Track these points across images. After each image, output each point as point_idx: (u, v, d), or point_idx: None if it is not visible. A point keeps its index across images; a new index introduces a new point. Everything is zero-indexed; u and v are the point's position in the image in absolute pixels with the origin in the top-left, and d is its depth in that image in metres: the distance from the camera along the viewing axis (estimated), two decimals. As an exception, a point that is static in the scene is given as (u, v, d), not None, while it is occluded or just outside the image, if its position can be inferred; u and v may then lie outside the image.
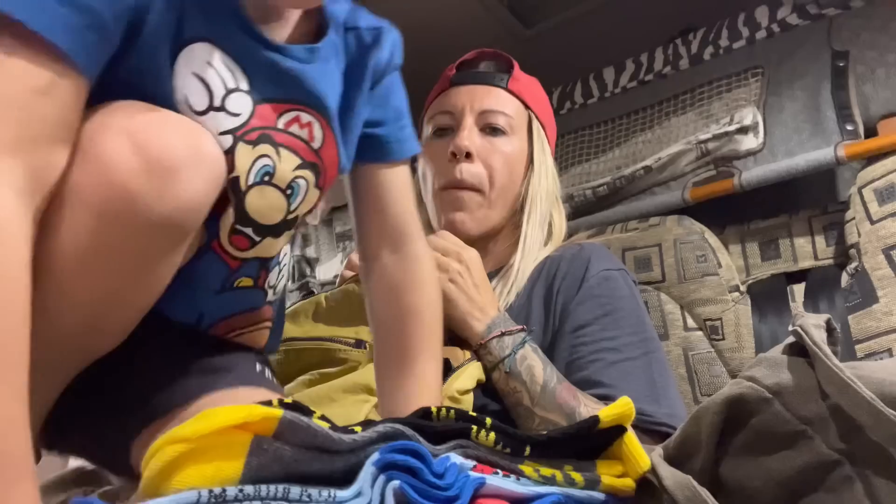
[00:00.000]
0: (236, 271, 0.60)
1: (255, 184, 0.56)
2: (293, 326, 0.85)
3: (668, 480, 0.45)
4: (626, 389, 0.82)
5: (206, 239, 0.57)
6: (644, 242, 1.21)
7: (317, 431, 0.39)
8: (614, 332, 0.88)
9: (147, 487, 0.39)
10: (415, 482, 0.41)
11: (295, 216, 0.61)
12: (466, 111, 1.00)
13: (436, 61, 1.11)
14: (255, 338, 0.68)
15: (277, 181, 0.58)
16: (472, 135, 0.98)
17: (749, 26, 1.29)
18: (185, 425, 0.38)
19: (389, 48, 0.69)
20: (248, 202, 0.56)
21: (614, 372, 0.85)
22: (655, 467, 0.48)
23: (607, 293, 0.91)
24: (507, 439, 0.47)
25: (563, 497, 0.48)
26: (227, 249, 0.58)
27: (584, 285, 0.91)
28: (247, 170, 0.55)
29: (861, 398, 0.43)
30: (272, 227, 0.59)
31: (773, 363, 0.49)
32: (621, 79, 1.43)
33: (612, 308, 0.90)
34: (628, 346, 0.88)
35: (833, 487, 0.44)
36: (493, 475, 0.46)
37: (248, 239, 0.59)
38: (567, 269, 0.94)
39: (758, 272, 1.18)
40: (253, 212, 0.57)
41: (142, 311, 0.54)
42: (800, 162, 1.14)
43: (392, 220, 0.70)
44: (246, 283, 0.62)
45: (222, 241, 0.58)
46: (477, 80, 1.03)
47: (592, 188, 1.36)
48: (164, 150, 0.47)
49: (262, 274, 0.63)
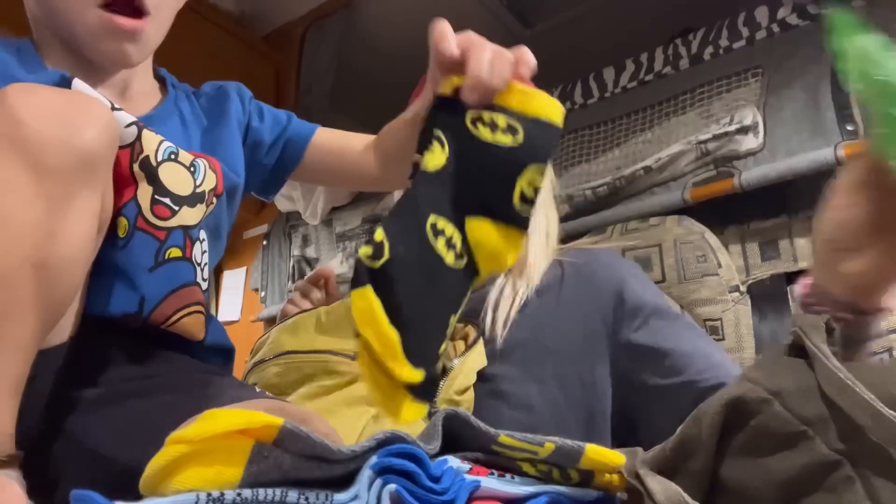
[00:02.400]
0: (165, 242, 0.67)
1: (163, 160, 0.67)
2: (293, 339, 0.85)
3: (659, 496, 0.45)
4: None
5: (132, 223, 0.65)
6: (644, 242, 1.21)
7: (316, 442, 0.40)
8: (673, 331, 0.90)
9: (146, 485, 0.39)
10: (411, 486, 0.41)
11: (202, 191, 0.71)
12: None
13: (436, 62, 1.11)
14: (193, 324, 0.70)
15: (181, 160, 0.70)
16: None
17: (749, 26, 1.29)
18: (187, 427, 0.38)
19: (238, 95, 0.87)
20: (161, 175, 0.67)
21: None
22: (644, 482, 0.47)
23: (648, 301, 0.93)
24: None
25: (556, 496, 0.48)
26: (151, 221, 0.67)
27: (618, 293, 0.92)
28: (154, 150, 0.67)
29: (861, 399, 0.43)
30: (186, 198, 0.69)
31: (773, 364, 0.49)
32: (621, 79, 1.43)
33: (662, 308, 0.93)
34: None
35: (833, 488, 0.44)
36: (488, 476, 0.46)
37: (168, 208, 0.68)
38: (584, 275, 0.94)
39: (758, 272, 1.18)
40: (167, 183, 0.67)
41: (79, 253, 0.57)
42: (800, 162, 1.14)
43: (349, 161, 0.86)
44: (176, 254, 0.68)
45: (146, 215, 0.66)
46: None
47: (592, 188, 1.36)
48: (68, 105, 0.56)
49: (188, 243, 0.70)
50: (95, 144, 0.56)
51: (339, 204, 1.82)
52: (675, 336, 0.88)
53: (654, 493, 0.46)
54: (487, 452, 0.48)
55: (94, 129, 0.56)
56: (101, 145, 0.57)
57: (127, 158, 0.65)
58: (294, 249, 1.89)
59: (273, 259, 1.94)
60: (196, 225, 0.71)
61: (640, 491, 0.48)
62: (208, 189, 0.72)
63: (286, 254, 1.92)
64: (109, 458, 0.58)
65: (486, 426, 0.48)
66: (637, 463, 0.50)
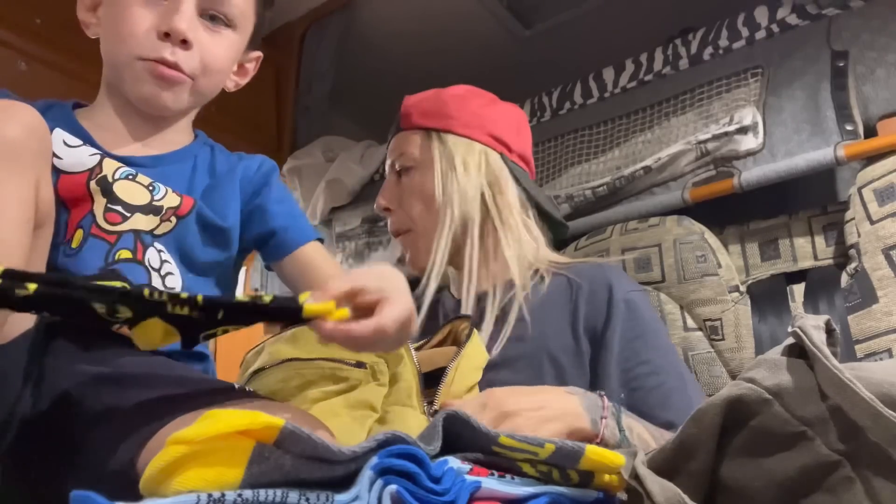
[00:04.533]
0: (115, 245, 0.72)
1: (120, 178, 0.75)
2: (292, 348, 0.86)
3: (658, 497, 0.45)
4: (668, 411, 0.87)
5: (87, 232, 0.71)
6: (644, 243, 1.21)
7: (317, 442, 0.40)
8: (648, 356, 0.91)
9: (147, 485, 0.39)
10: (412, 487, 0.41)
11: (160, 205, 0.76)
12: (388, 164, 1.12)
13: (436, 61, 1.12)
14: None
15: (139, 181, 0.76)
16: (390, 188, 1.10)
17: (749, 26, 1.29)
18: (188, 427, 0.38)
19: (258, 162, 0.88)
20: (115, 188, 0.74)
21: (653, 397, 0.89)
22: (644, 482, 0.47)
23: (635, 317, 0.94)
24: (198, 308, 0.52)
25: (557, 496, 0.48)
26: (103, 227, 0.72)
27: (611, 311, 0.94)
28: (112, 172, 0.74)
29: (860, 399, 0.43)
30: (140, 207, 0.74)
31: (773, 364, 0.49)
32: (621, 79, 1.43)
33: (642, 331, 0.93)
34: (664, 369, 0.92)
35: (833, 488, 0.44)
36: (489, 477, 0.46)
37: (119, 215, 0.73)
38: (589, 290, 0.97)
39: (757, 272, 1.18)
40: (121, 194, 0.74)
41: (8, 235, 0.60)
42: (799, 162, 1.14)
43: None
44: (125, 255, 0.72)
45: (99, 222, 0.72)
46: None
47: (592, 188, 1.36)
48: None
49: (138, 247, 0.73)
50: (15, 135, 0.61)
51: (339, 204, 1.82)
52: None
53: (653, 493, 0.46)
54: (487, 453, 0.49)
55: (16, 125, 0.62)
56: (23, 137, 0.62)
57: (85, 178, 0.73)
58: (294, 249, 1.89)
59: (273, 259, 1.94)
60: (150, 231, 0.75)
61: (640, 492, 0.48)
62: (168, 206, 0.76)
63: (286, 254, 1.92)
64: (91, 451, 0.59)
65: (486, 427, 0.48)
66: (636, 464, 0.50)
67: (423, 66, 2.04)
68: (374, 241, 1.72)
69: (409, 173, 1.07)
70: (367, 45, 2.02)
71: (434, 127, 1.07)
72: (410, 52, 2.05)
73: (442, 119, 1.07)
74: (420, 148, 1.07)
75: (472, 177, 1.04)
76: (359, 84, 2.10)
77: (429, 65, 1.97)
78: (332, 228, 1.82)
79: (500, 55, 1.93)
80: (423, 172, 1.06)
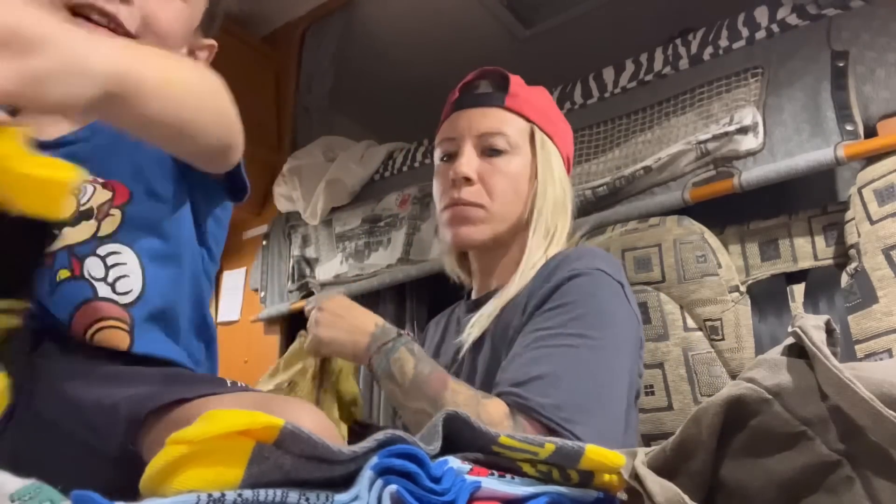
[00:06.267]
0: (52, 266, 0.70)
1: None
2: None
3: (658, 497, 0.45)
4: (511, 371, 0.84)
5: None
6: (644, 243, 1.21)
7: (317, 442, 0.40)
8: (550, 324, 0.87)
9: (147, 485, 0.39)
10: (412, 487, 0.41)
11: (88, 208, 0.73)
12: (466, 136, 1.04)
13: (436, 61, 1.12)
14: (110, 337, 0.70)
15: None
16: (471, 160, 1.02)
17: (749, 26, 1.29)
18: (188, 427, 0.38)
19: None
20: None
21: (521, 358, 0.85)
22: (644, 482, 0.47)
23: (569, 291, 0.90)
24: None
25: (557, 496, 0.48)
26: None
27: (552, 288, 0.91)
28: None
29: (860, 399, 0.43)
30: (65, 220, 0.71)
31: (773, 364, 0.49)
32: (621, 79, 1.43)
33: (564, 303, 0.88)
34: (556, 336, 0.85)
35: (833, 488, 0.44)
36: (489, 477, 0.46)
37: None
38: (553, 268, 0.94)
39: (757, 272, 1.18)
40: None
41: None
42: (799, 162, 1.14)
43: None
44: (65, 275, 0.70)
45: None
46: (475, 102, 1.06)
47: (592, 188, 1.36)
48: None
49: (74, 262, 0.71)
50: None
51: (338, 204, 1.82)
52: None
53: (653, 493, 0.46)
54: (487, 453, 0.49)
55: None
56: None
57: None
58: (294, 249, 1.89)
59: (273, 259, 1.94)
60: (85, 242, 0.72)
61: (640, 492, 0.48)
62: (98, 204, 0.73)
63: (286, 254, 1.92)
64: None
65: (486, 427, 0.48)
66: (637, 463, 0.50)
67: (423, 67, 2.04)
68: (374, 241, 1.72)
69: (506, 157, 1.03)
70: (367, 45, 2.03)
71: (541, 125, 1.05)
72: (410, 52, 2.05)
73: (549, 123, 1.06)
74: (521, 137, 1.04)
75: (560, 190, 1.04)
76: (359, 84, 2.10)
77: (429, 65, 1.98)
78: (332, 228, 1.82)
79: (500, 55, 1.92)
80: (522, 163, 1.03)
